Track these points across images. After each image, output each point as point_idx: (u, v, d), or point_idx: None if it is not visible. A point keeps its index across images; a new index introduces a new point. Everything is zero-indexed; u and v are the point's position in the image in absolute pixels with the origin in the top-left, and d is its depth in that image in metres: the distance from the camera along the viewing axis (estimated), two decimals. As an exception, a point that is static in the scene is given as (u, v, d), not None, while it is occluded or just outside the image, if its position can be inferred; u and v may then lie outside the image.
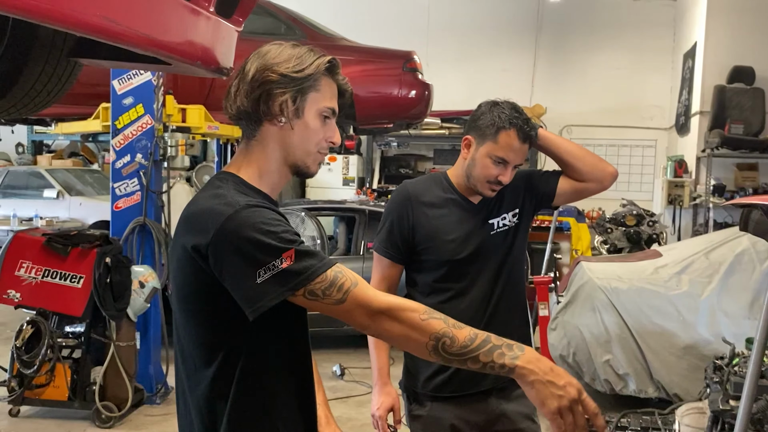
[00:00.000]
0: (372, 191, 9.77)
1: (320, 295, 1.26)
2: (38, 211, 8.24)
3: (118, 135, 4.64)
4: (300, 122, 1.38)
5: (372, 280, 2.14)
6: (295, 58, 1.36)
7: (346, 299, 1.26)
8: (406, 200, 2.12)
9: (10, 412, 4.36)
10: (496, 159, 2.03)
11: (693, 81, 8.50)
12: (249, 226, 1.25)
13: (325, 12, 8.35)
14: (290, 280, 1.24)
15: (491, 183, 2.05)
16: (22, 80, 1.94)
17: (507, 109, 2.04)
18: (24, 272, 4.26)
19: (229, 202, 1.28)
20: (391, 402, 2.10)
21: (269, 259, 1.23)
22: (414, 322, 1.27)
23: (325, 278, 1.26)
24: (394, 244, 2.12)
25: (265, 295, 1.23)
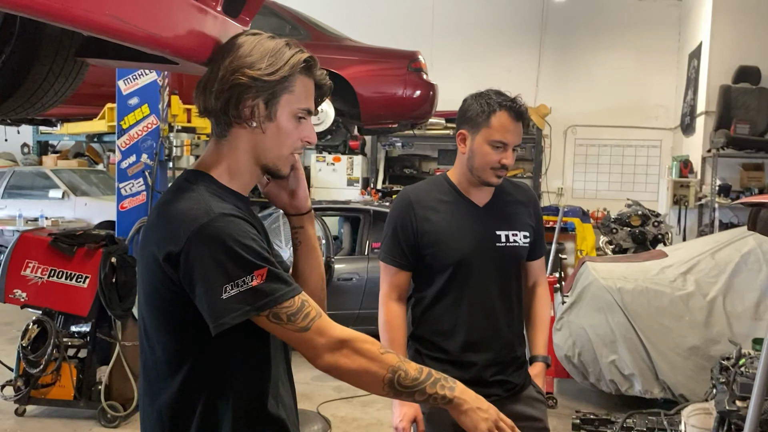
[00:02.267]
0: (376, 191, 9.77)
1: (284, 319, 1.22)
2: (44, 211, 8.26)
3: (123, 135, 4.66)
4: (272, 125, 1.32)
5: (381, 290, 2.15)
6: (268, 57, 1.29)
7: (310, 327, 1.24)
8: (408, 207, 2.12)
9: (16, 411, 4.38)
10: (494, 143, 2.04)
11: (698, 81, 8.48)
12: (225, 237, 1.20)
13: (329, 12, 8.35)
14: (258, 299, 1.20)
15: (495, 169, 2.06)
16: (29, 80, 1.94)
17: (493, 95, 2.07)
18: (30, 272, 4.27)
19: (204, 208, 1.23)
20: (413, 413, 2.07)
21: (240, 274, 1.19)
22: (373, 355, 1.27)
23: (292, 303, 1.23)
24: (399, 251, 2.12)
25: (230, 311, 1.19)
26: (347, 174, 9.85)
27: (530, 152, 10.48)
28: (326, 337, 1.26)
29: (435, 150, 10.77)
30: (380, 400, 4.90)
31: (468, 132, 2.09)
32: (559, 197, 10.51)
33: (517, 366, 2.18)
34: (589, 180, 10.66)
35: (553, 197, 10.51)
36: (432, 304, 2.12)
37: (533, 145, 10.23)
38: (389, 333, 2.11)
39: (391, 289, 2.14)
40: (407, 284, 2.16)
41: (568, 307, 4.57)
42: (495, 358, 2.12)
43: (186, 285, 1.22)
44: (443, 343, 2.12)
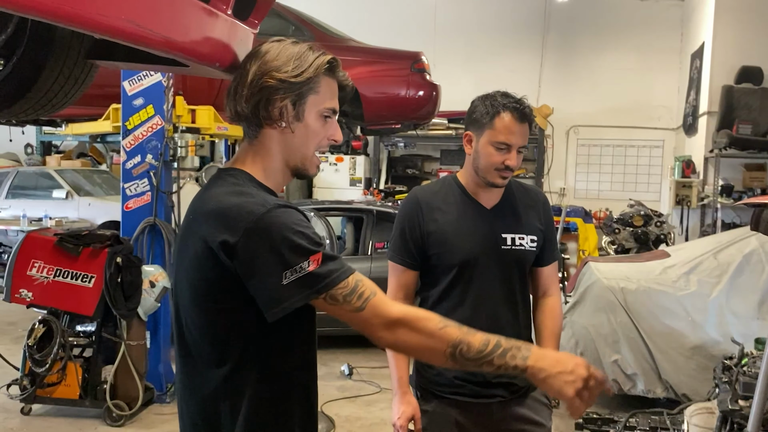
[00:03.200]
0: (379, 192, 9.79)
1: (341, 300, 1.27)
2: (47, 211, 8.28)
3: (128, 136, 4.68)
4: (300, 125, 1.39)
5: (389, 289, 2.16)
6: (293, 60, 1.35)
7: (365, 307, 1.28)
8: (416, 207, 2.14)
9: (22, 410, 4.40)
10: (497, 145, 2.05)
11: (701, 81, 8.49)
12: (281, 226, 1.26)
13: (332, 13, 8.37)
14: (315, 283, 1.26)
15: (499, 170, 2.06)
16: (40, 82, 1.96)
17: (498, 96, 2.08)
18: (36, 272, 4.30)
19: (260, 201, 1.29)
20: (411, 411, 2.08)
21: (298, 261, 1.24)
22: (432, 331, 1.30)
23: (347, 284, 1.28)
24: (407, 251, 2.13)
25: (290, 297, 1.25)
26: (350, 174, 9.87)
27: (533, 152, 10.49)
28: (381, 316, 1.29)
29: (437, 150, 10.79)
30: (384, 399, 4.92)
31: (473, 133, 2.11)
32: (562, 197, 10.52)
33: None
34: (592, 180, 10.67)
35: (555, 197, 10.52)
36: (436, 304, 2.13)
37: (536, 145, 10.24)
38: None
39: (398, 288, 2.16)
40: (414, 284, 2.17)
41: (570, 307, 4.59)
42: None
43: (242, 274, 1.27)
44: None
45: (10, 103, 2.02)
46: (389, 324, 1.29)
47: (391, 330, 1.29)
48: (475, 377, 2.09)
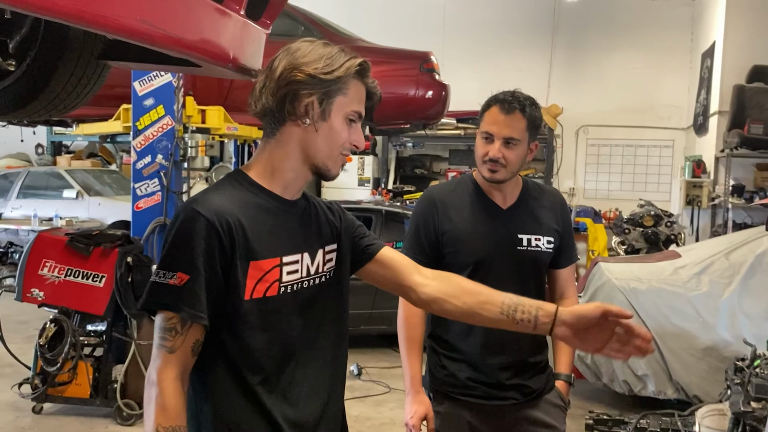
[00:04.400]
0: (387, 192, 9.80)
1: (157, 327, 1.30)
2: (58, 211, 8.34)
3: (138, 136, 4.70)
4: (325, 125, 1.37)
5: None
6: (325, 59, 1.34)
7: (158, 354, 1.28)
8: (431, 205, 2.13)
9: (33, 409, 4.42)
10: (483, 135, 2.07)
11: (711, 80, 8.44)
12: (177, 227, 1.31)
13: (341, 13, 8.38)
14: (159, 297, 1.29)
15: (486, 162, 2.06)
16: (53, 82, 1.98)
17: (498, 94, 2.09)
18: (47, 271, 4.32)
19: (192, 199, 1.35)
20: (424, 410, 2.07)
21: (167, 267, 1.29)
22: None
23: (172, 318, 1.28)
24: (421, 248, 2.12)
25: (145, 296, 1.32)
26: (358, 174, 9.88)
27: (542, 152, 10.45)
28: (150, 372, 1.29)
29: (446, 150, 10.77)
30: (393, 399, 4.92)
31: (476, 128, 2.15)
32: (571, 197, 10.49)
33: (537, 371, 2.16)
34: (601, 180, 10.63)
35: (564, 197, 10.46)
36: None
37: (545, 145, 10.21)
38: (408, 330, 2.12)
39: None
40: None
41: (581, 307, 4.56)
42: (512, 361, 2.10)
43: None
44: (460, 343, 2.11)
45: (24, 104, 2.04)
46: (148, 383, 1.29)
47: (146, 389, 1.29)
48: (489, 379, 2.08)
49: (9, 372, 4.88)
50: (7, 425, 4.29)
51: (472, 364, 2.09)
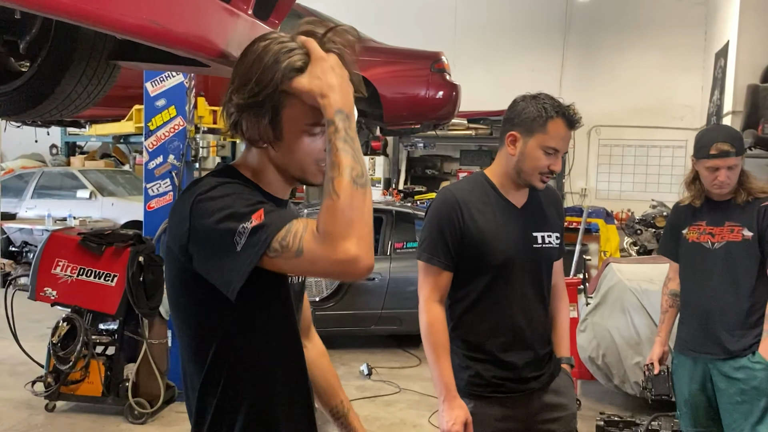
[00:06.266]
0: (398, 192, 9.80)
1: (279, 249, 1.13)
2: (72, 211, 8.41)
3: (150, 136, 4.73)
4: (282, 144, 1.26)
5: (422, 291, 2.12)
6: (255, 78, 1.21)
7: (302, 248, 1.13)
8: (453, 206, 2.09)
9: (46, 407, 4.46)
10: (547, 149, 2.04)
11: (725, 80, 8.36)
12: (217, 199, 1.19)
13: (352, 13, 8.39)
14: (261, 236, 1.14)
15: (543, 174, 2.07)
16: (63, 82, 1.99)
17: (548, 100, 2.07)
18: (60, 270, 4.36)
19: (204, 182, 1.24)
20: (465, 415, 2.05)
21: (239, 223, 1.15)
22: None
23: (284, 231, 1.15)
24: (445, 251, 2.08)
25: (242, 261, 1.14)
26: (369, 174, 9.87)
27: (553, 153, 10.41)
28: (316, 240, 1.13)
29: (457, 150, 10.75)
30: (403, 400, 4.92)
31: (520, 134, 2.07)
32: (583, 198, 10.44)
33: (548, 360, 2.22)
34: (613, 180, 10.57)
35: (576, 198, 10.44)
36: (474, 305, 2.12)
37: (556, 145, 10.16)
38: (434, 336, 2.08)
39: (433, 290, 2.10)
40: (449, 285, 2.13)
41: (592, 308, 4.55)
42: (534, 356, 2.15)
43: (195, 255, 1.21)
44: (485, 343, 2.12)
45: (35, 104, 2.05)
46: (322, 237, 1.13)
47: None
48: (513, 374, 2.11)
49: (22, 370, 4.93)
50: (21, 423, 4.33)
51: (498, 363, 2.12)
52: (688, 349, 2.80)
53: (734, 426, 2.64)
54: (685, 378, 2.84)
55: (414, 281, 2.21)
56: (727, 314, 2.67)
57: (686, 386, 2.83)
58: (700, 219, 2.78)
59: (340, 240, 1.10)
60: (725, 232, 2.71)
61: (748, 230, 2.67)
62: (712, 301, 2.70)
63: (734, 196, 2.72)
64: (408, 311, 6.05)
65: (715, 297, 2.69)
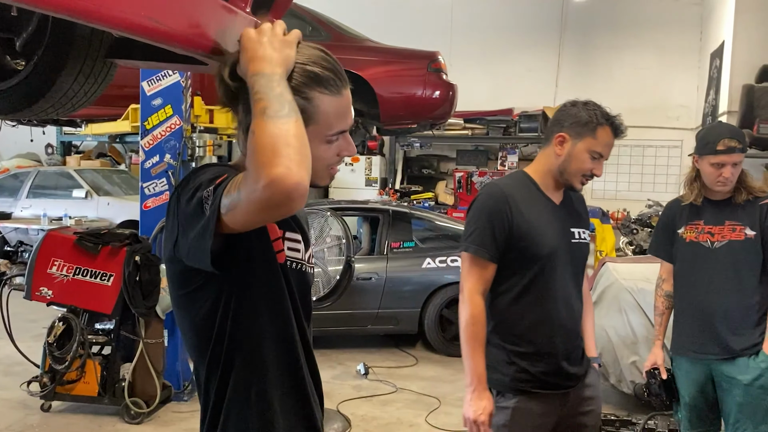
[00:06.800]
0: (394, 192, 9.80)
1: (235, 194, 1.12)
2: (67, 210, 8.39)
3: (147, 135, 4.72)
4: None
5: (466, 283, 2.15)
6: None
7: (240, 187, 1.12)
8: (503, 199, 2.16)
9: (42, 407, 4.45)
10: (593, 153, 2.15)
11: (720, 80, 8.39)
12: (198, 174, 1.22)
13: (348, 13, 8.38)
14: (219, 190, 1.15)
15: (585, 176, 2.19)
16: (60, 81, 1.98)
17: (598, 108, 2.18)
18: (56, 270, 4.34)
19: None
20: (491, 407, 2.12)
21: (208, 187, 1.17)
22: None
23: (230, 185, 1.14)
24: (493, 243, 2.13)
25: (211, 213, 1.14)
26: (366, 174, 9.89)
27: (549, 153, 10.43)
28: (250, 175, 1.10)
29: (453, 150, 10.76)
30: (400, 399, 4.92)
31: (570, 137, 2.17)
32: (579, 198, 10.45)
33: (581, 356, 2.29)
34: (609, 180, 10.58)
35: (572, 198, 10.46)
36: (518, 298, 2.16)
37: (552, 145, 10.18)
38: (474, 327, 2.12)
39: (478, 282, 2.15)
40: (492, 278, 2.17)
41: (588, 307, 4.55)
42: (574, 350, 2.23)
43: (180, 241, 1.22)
44: (530, 337, 2.17)
45: (31, 103, 2.04)
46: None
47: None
48: (557, 369, 2.17)
49: (18, 370, 4.91)
50: (16, 423, 4.32)
51: (542, 357, 2.17)
52: (687, 350, 2.80)
53: (738, 426, 2.65)
54: (683, 380, 2.84)
55: (410, 281, 2.24)
56: (731, 314, 2.67)
57: (685, 388, 2.83)
58: (697, 218, 2.78)
59: (262, 167, 1.07)
60: (726, 231, 2.70)
61: (750, 229, 2.66)
62: (715, 300, 2.69)
63: (733, 195, 2.72)
64: (405, 311, 6.07)
65: (718, 297, 2.69)
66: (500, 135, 10.14)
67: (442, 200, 9.85)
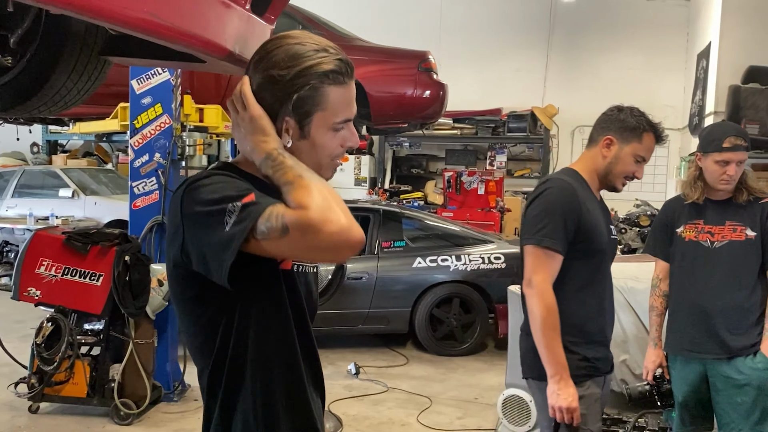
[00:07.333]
0: (384, 191, 9.79)
1: (265, 231, 1.13)
2: (54, 210, 8.31)
3: (136, 134, 4.68)
4: (306, 142, 1.28)
5: (538, 276, 2.19)
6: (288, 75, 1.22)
7: (288, 225, 1.13)
8: (573, 194, 2.24)
9: (29, 408, 4.40)
10: (637, 157, 2.29)
11: (707, 81, 8.46)
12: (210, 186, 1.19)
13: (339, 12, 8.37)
14: (249, 214, 1.14)
15: (627, 178, 2.33)
16: (53, 78, 1.96)
17: (644, 115, 2.32)
18: (44, 270, 4.30)
19: (190, 178, 1.23)
20: (576, 394, 2.18)
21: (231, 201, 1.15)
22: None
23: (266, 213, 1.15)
24: (563, 237, 2.20)
25: (234, 237, 1.14)
26: (355, 174, 9.88)
27: (538, 152, 10.48)
28: (300, 219, 1.13)
29: (442, 150, 10.77)
30: (392, 398, 4.91)
31: (617, 140, 2.29)
32: (567, 197, 10.51)
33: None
34: (597, 180, 10.64)
35: (560, 197, 10.51)
36: (580, 290, 2.24)
37: (540, 145, 10.23)
38: (551, 318, 2.16)
39: (550, 274, 2.19)
40: (558, 271, 2.24)
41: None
42: (610, 338, 2.39)
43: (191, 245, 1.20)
44: (588, 326, 2.26)
45: (24, 100, 2.02)
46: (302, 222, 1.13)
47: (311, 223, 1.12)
48: (608, 354, 2.34)
49: (5, 371, 4.85)
50: (4, 425, 4.27)
51: (598, 344, 2.29)
52: (682, 349, 2.81)
53: (732, 426, 2.66)
54: (677, 379, 2.85)
55: (400, 281, 2.26)
56: (729, 313, 2.68)
57: (678, 387, 2.84)
58: (697, 217, 2.78)
59: (328, 213, 1.12)
60: (727, 232, 2.71)
61: (751, 230, 2.67)
62: (713, 300, 2.70)
63: (734, 195, 2.72)
64: (395, 310, 6.07)
65: (717, 296, 2.70)
66: (489, 135, 10.17)
67: (431, 200, 9.86)
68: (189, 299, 1.29)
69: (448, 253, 6.08)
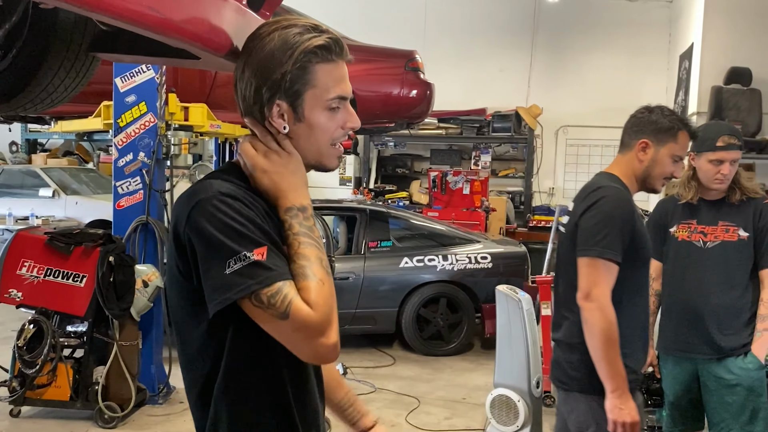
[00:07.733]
0: (369, 191, 9.77)
1: (265, 302, 1.13)
2: (34, 210, 8.18)
3: (120, 133, 4.61)
4: (303, 126, 1.25)
5: (600, 289, 2.11)
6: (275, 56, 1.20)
7: (288, 314, 1.13)
8: (631, 204, 2.23)
9: (11, 412, 4.32)
10: (675, 157, 2.25)
11: (689, 82, 8.54)
12: (225, 213, 1.15)
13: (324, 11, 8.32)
14: (256, 275, 1.13)
15: (666, 179, 2.29)
16: (39, 75, 1.91)
17: (674, 113, 2.30)
18: (26, 271, 4.22)
19: (205, 187, 1.19)
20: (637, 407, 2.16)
21: (242, 249, 1.13)
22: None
23: (277, 286, 1.14)
24: (621, 247, 2.14)
25: (232, 286, 1.13)
26: (339, 173, 9.84)
27: (522, 152, 10.51)
28: (307, 327, 1.14)
29: (427, 150, 10.77)
30: (380, 399, 4.89)
31: (652, 143, 2.25)
32: (551, 197, 10.56)
33: None
34: (581, 180, 10.69)
35: (544, 197, 10.56)
36: (630, 299, 2.19)
37: (525, 145, 10.26)
38: (612, 333, 2.08)
39: (609, 287, 2.12)
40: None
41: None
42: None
43: (192, 262, 1.18)
44: (635, 335, 2.24)
45: (9, 97, 1.97)
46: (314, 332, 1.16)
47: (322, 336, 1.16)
48: (643, 364, 2.35)
49: (-15, 375, 4.76)
50: (-16, 429, 4.19)
51: (641, 354, 2.28)
52: (674, 349, 2.82)
53: (722, 426, 2.67)
54: (668, 378, 2.85)
55: (387, 280, 2.23)
56: (720, 313, 2.68)
57: (669, 387, 2.85)
58: (690, 217, 2.78)
59: (328, 325, 1.16)
60: (719, 232, 2.71)
61: (744, 230, 2.68)
62: (705, 300, 2.70)
63: (727, 195, 2.73)
64: (382, 310, 6.05)
65: (709, 296, 2.70)
66: (474, 135, 10.18)
67: (416, 200, 9.85)
68: (192, 306, 1.23)
69: (435, 253, 6.08)
